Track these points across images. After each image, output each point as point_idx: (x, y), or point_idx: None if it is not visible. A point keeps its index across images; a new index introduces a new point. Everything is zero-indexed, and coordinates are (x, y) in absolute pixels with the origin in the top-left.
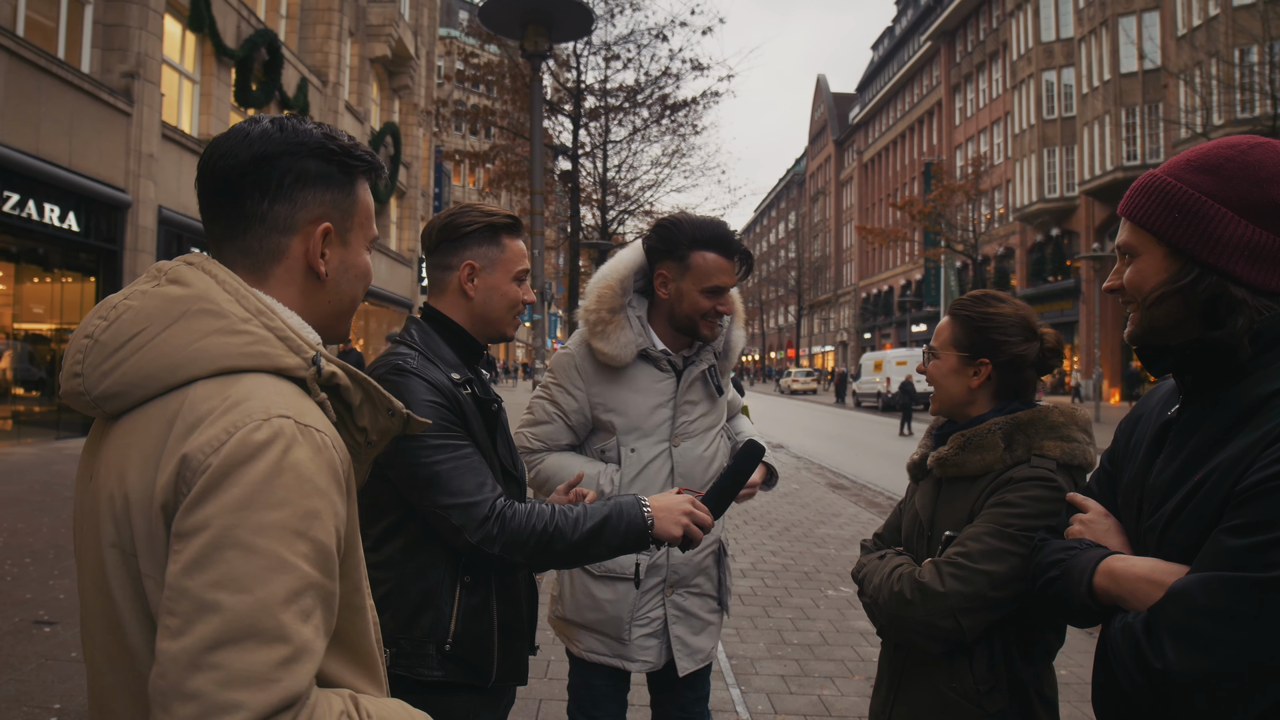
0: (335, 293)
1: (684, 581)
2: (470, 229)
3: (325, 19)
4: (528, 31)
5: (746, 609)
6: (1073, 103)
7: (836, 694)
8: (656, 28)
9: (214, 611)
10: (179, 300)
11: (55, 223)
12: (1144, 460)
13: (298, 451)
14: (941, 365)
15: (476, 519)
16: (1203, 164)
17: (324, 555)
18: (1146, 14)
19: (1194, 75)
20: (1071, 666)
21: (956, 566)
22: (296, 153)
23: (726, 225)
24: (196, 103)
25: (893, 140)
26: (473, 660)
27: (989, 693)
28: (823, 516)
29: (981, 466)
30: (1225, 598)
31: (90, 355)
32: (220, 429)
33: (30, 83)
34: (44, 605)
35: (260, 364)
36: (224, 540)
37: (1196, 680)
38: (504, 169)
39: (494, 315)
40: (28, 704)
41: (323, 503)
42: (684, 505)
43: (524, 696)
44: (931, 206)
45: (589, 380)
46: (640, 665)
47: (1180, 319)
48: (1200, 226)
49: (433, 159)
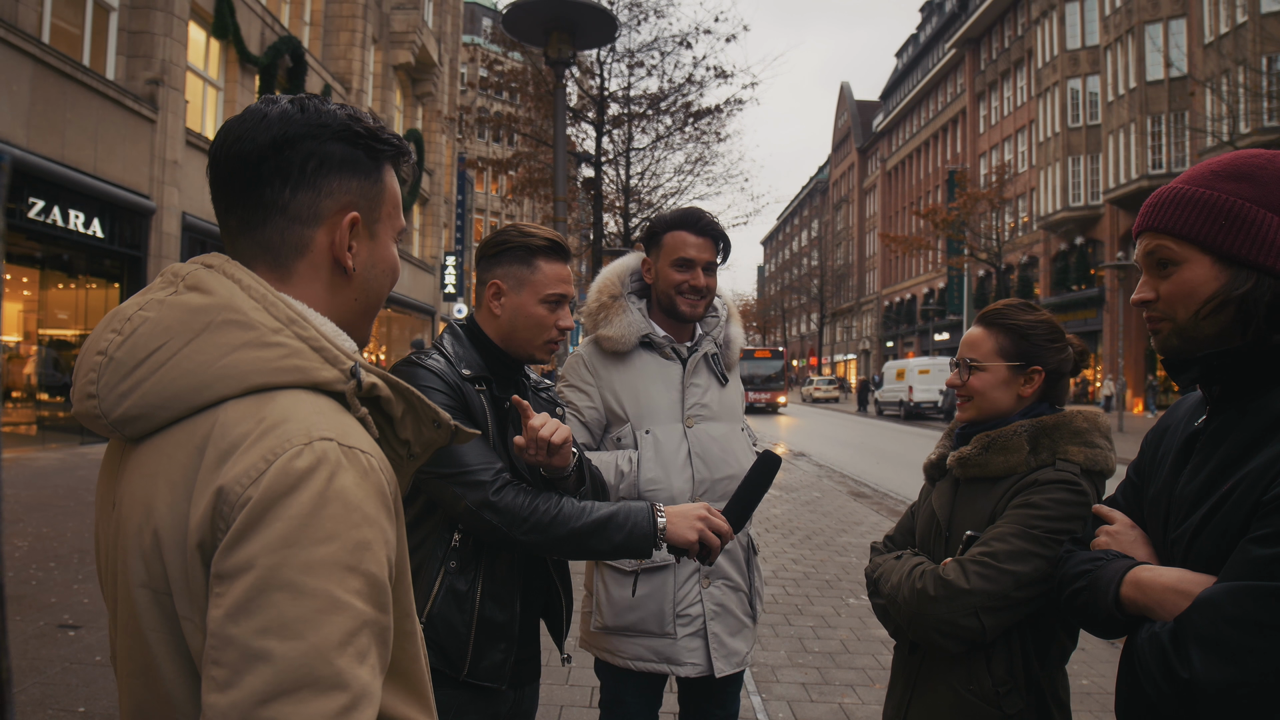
0: (363, 289)
1: (718, 571)
2: (504, 248)
3: (349, 26)
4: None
5: (768, 617)
6: (1098, 111)
7: (857, 702)
8: (680, 35)
9: (264, 661)
10: (201, 310)
11: (80, 229)
12: (1171, 471)
13: (343, 477)
14: (989, 377)
15: (477, 484)
16: (1234, 173)
17: (377, 588)
18: (1173, 21)
19: (1221, 83)
20: (1094, 676)
21: (982, 565)
22: (320, 135)
23: (701, 210)
24: (221, 109)
25: (916, 148)
26: (445, 647)
27: (1008, 694)
28: (844, 525)
29: (1005, 468)
30: (1253, 607)
31: (105, 374)
32: (258, 456)
33: (55, 90)
34: (69, 609)
35: (295, 379)
36: (270, 582)
37: (1223, 690)
38: (527, 176)
39: (520, 336)
40: (52, 707)
41: (373, 531)
42: (699, 511)
43: (545, 703)
44: (955, 215)
45: (597, 373)
46: (689, 669)
47: (1229, 326)
48: (1251, 231)
49: (456, 166)
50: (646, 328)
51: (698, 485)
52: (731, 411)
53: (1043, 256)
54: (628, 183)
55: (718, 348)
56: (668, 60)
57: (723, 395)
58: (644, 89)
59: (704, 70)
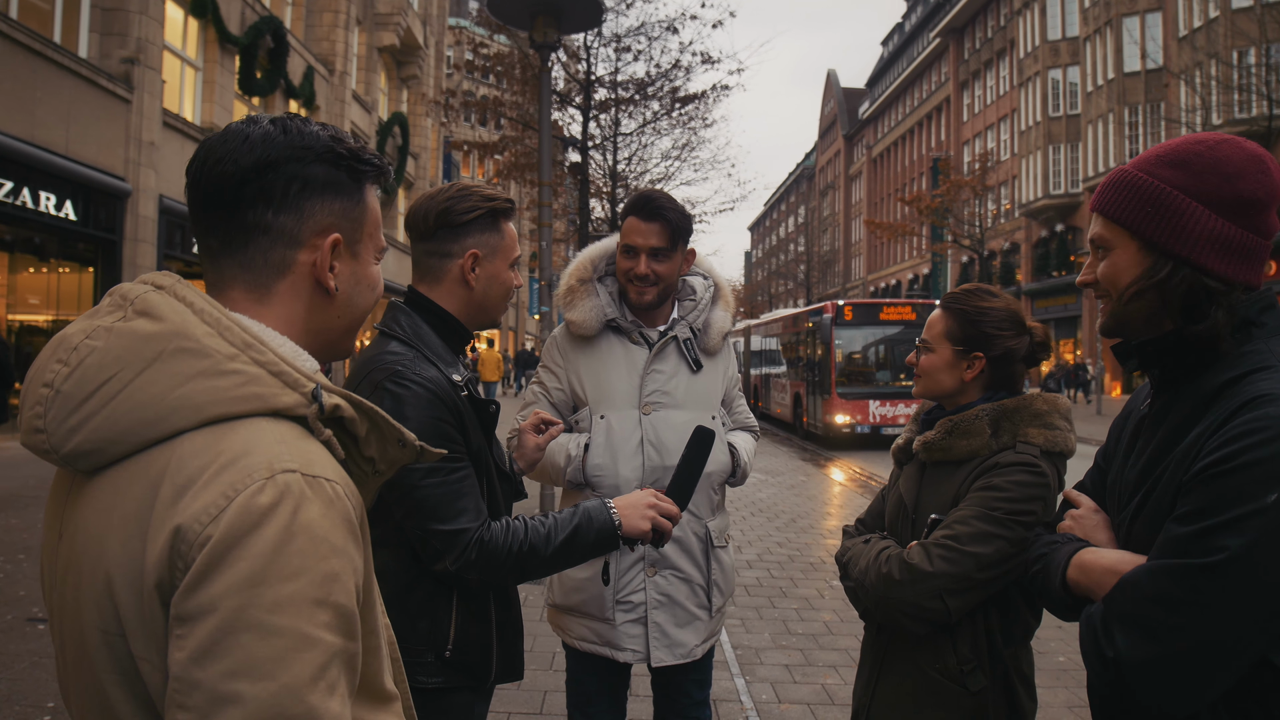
0: (346, 307)
1: (666, 562)
2: (474, 215)
3: (332, 6)
4: (537, 22)
5: (752, 599)
6: (1077, 101)
7: (840, 682)
8: (667, 20)
9: (234, 704)
10: (151, 339)
11: (52, 211)
12: (1124, 455)
13: (308, 510)
14: (935, 358)
15: (459, 547)
16: (1172, 159)
17: (346, 618)
18: (1149, 14)
19: (1194, 75)
20: (1069, 653)
21: (945, 548)
22: (303, 158)
23: (656, 192)
24: (199, 90)
25: (901, 135)
26: (472, 664)
27: (971, 672)
28: (830, 508)
29: (967, 452)
30: (1170, 585)
31: (53, 408)
32: (217, 493)
33: (25, 67)
34: (38, 602)
35: (254, 408)
36: (236, 623)
37: (1146, 666)
38: (513, 160)
39: (491, 304)
40: (20, 702)
41: (340, 562)
42: (646, 499)
43: (529, 689)
44: (939, 201)
45: (566, 355)
46: (628, 655)
47: (1155, 312)
48: (1172, 220)
49: (441, 150)
50: (613, 312)
51: (648, 473)
52: (701, 399)
53: (1024, 243)
54: (615, 168)
55: (694, 333)
56: (654, 45)
57: (692, 382)
58: (631, 74)
59: (690, 56)
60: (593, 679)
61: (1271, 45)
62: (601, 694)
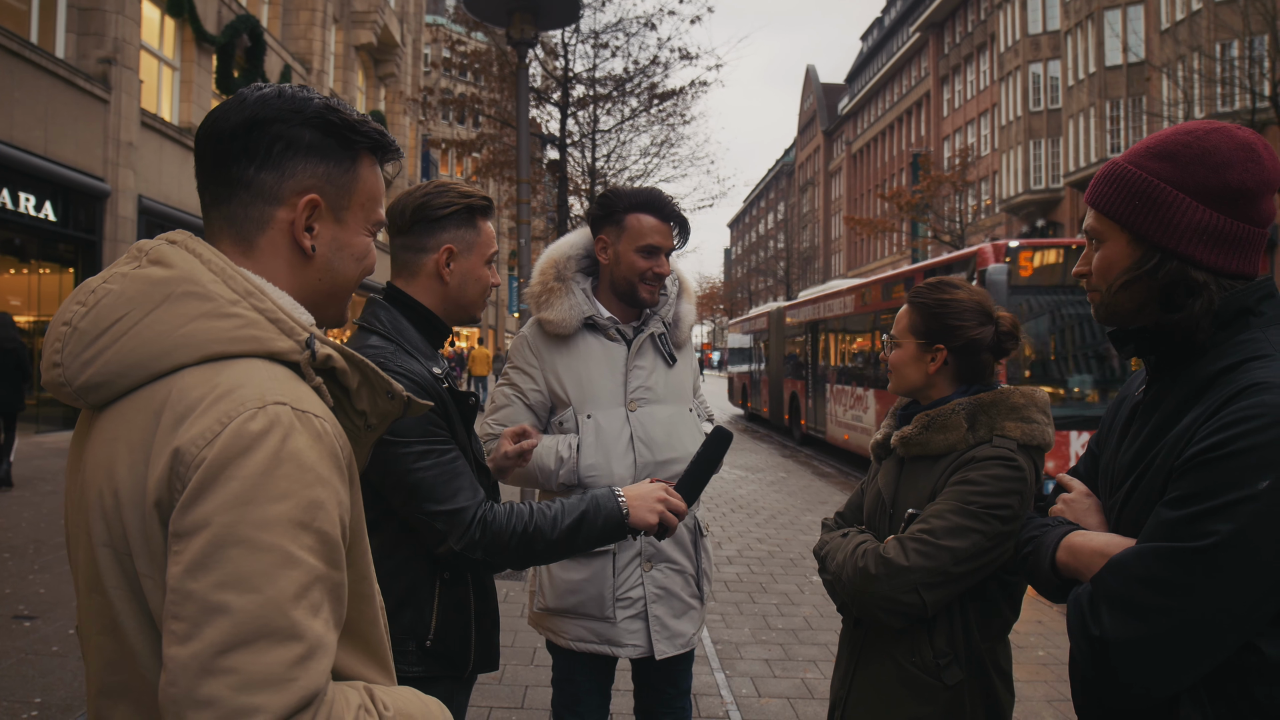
0: (327, 270)
1: (661, 555)
2: (449, 210)
3: (309, 5)
4: (514, 19)
5: (732, 595)
6: (1058, 95)
7: (819, 677)
8: (645, 16)
9: (222, 613)
10: (162, 282)
11: (31, 212)
12: (1117, 440)
13: (296, 439)
14: (902, 352)
15: (461, 525)
16: (1160, 150)
17: (330, 546)
18: (1131, 8)
19: (1176, 69)
20: (1050, 648)
21: (920, 542)
22: (290, 120)
23: (662, 192)
24: (177, 90)
25: (881, 131)
26: (452, 654)
27: (948, 666)
28: (809, 504)
29: (945, 446)
30: (1159, 567)
31: (70, 343)
32: (213, 419)
33: (2, 68)
34: (24, 600)
35: (251, 349)
36: (226, 538)
37: (1130, 645)
38: (491, 158)
39: (468, 300)
40: (7, 699)
41: (326, 491)
42: (657, 493)
43: (510, 683)
44: (919, 197)
45: (541, 355)
46: (630, 650)
47: (1144, 303)
48: (1159, 213)
49: (420, 148)
50: (590, 309)
51: (640, 470)
52: (678, 393)
53: (1005, 238)
54: (593, 165)
55: (666, 327)
56: (633, 41)
57: (669, 376)
58: (609, 70)
59: (669, 52)
60: (585, 677)
61: (1255, 37)
62: (592, 691)
